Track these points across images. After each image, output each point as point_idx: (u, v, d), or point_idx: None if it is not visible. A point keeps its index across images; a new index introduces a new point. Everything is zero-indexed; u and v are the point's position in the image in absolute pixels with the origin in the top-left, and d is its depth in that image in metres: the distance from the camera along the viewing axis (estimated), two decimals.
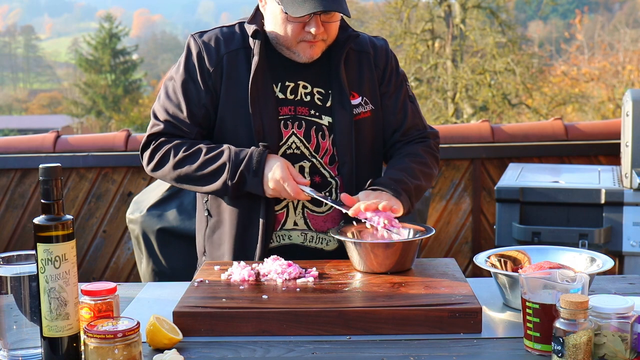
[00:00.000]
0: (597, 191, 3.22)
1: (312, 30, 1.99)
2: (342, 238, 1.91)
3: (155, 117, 2.13)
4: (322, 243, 2.12)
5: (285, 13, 1.98)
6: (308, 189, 1.98)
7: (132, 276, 4.13)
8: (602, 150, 4.09)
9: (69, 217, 1.45)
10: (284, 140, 2.08)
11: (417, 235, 1.93)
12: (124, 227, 4.10)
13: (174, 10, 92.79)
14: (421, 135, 2.23)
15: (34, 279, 1.47)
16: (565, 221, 3.26)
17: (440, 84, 17.43)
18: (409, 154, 2.16)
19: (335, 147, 2.10)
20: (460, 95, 16.92)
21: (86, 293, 1.59)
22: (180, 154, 2.05)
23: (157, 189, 3.32)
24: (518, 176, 3.53)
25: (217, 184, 2.03)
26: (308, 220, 2.11)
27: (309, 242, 2.11)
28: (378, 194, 1.98)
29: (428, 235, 1.93)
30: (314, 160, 2.10)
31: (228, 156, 2.01)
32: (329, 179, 2.12)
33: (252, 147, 2.02)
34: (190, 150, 2.05)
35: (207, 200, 2.18)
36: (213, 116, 2.11)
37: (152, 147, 2.10)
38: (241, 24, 2.15)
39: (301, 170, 2.09)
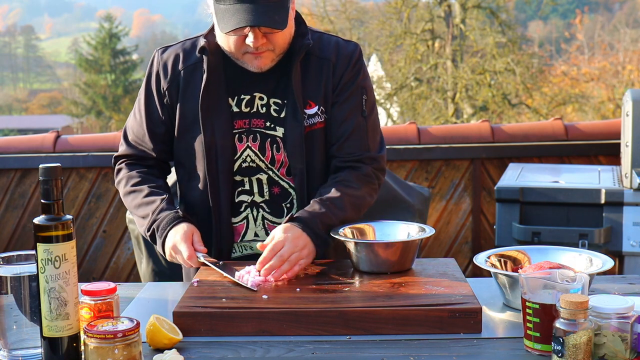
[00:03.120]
0: (597, 191, 3.22)
1: (250, 42, 1.94)
2: (342, 238, 1.91)
3: (125, 136, 2.20)
4: None
5: None
6: (201, 255, 1.94)
7: (132, 276, 4.14)
8: (602, 150, 4.09)
9: (69, 217, 1.45)
10: (238, 154, 2.07)
11: (417, 235, 1.93)
12: (124, 227, 4.10)
13: (174, 10, 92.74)
14: (355, 158, 2.08)
15: (34, 279, 1.47)
16: (565, 221, 3.26)
17: (440, 84, 17.41)
18: (341, 181, 2.06)
19: (289, 159, 2.07)
20: (460, 95, 16.90)
21: (86, 293, 1.59)
22: (129, 187, 2.13)
23: None
24: (518, 176, 3.53)
25: (141, 229, 2.12)
26: (269, 231, 2.07)
27: None
28: (293, 237, 1.88)
29: (428, 235, 1.93)
30: (270, 172, 2.08)
31: (153, 210, 2.06)
32: (289, 190, 2.09)
33: (171, 212, 2.03)
34: (136, 188, 2.12)
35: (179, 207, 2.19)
36: (172, 132, 2.13)
37: (116, 168, 2.22)
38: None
39: (259, 182, 2.08)
